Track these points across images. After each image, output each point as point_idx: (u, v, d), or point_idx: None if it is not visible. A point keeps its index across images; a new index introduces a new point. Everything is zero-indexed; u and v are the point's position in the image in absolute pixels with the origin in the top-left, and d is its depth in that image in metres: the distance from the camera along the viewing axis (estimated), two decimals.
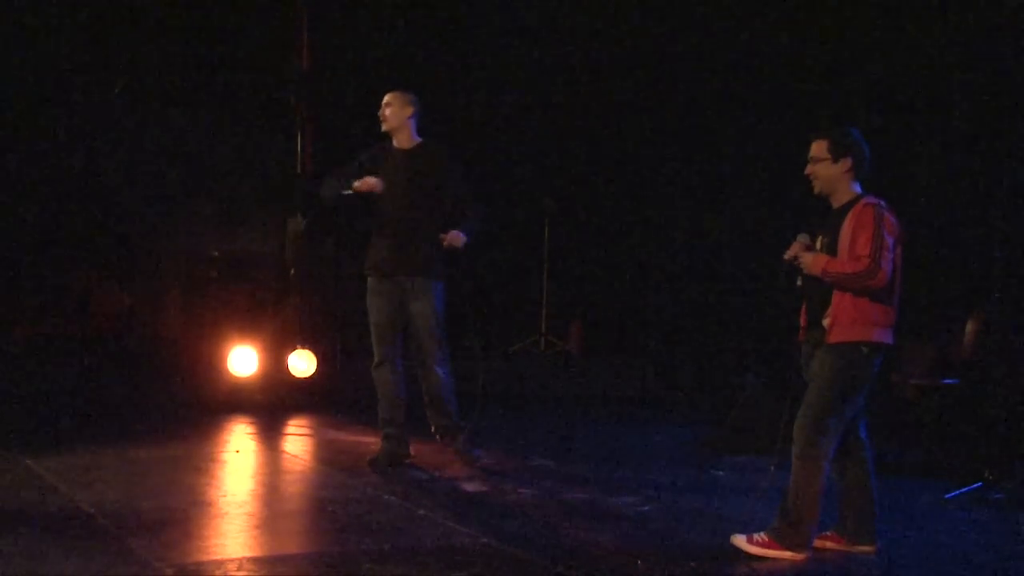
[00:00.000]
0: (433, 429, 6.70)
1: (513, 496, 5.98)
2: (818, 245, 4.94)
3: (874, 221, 4.75)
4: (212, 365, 8.87)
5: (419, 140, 6.59)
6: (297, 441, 7.60)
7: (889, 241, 4.77)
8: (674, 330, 11.02)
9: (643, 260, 11.56)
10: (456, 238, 6.40)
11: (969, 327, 7.21)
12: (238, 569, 4.49)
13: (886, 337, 4.87)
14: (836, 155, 4.88)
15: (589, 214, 12.06)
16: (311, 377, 8.92)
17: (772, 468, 5.09)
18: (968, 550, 5.21)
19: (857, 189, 4.93)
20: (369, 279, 6.59)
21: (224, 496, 5.81)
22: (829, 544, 5.01)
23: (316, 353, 8.91)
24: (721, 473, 6.77)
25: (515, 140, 11.78)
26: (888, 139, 9.20)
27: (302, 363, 8.87)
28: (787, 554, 4.80)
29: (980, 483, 6.14)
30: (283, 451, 7.22)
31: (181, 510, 5.41)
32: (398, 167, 6.47)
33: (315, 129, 9.88)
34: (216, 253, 10.83)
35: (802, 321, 5.05)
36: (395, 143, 6.57)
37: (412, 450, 6.69)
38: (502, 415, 8.77)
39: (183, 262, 11.04)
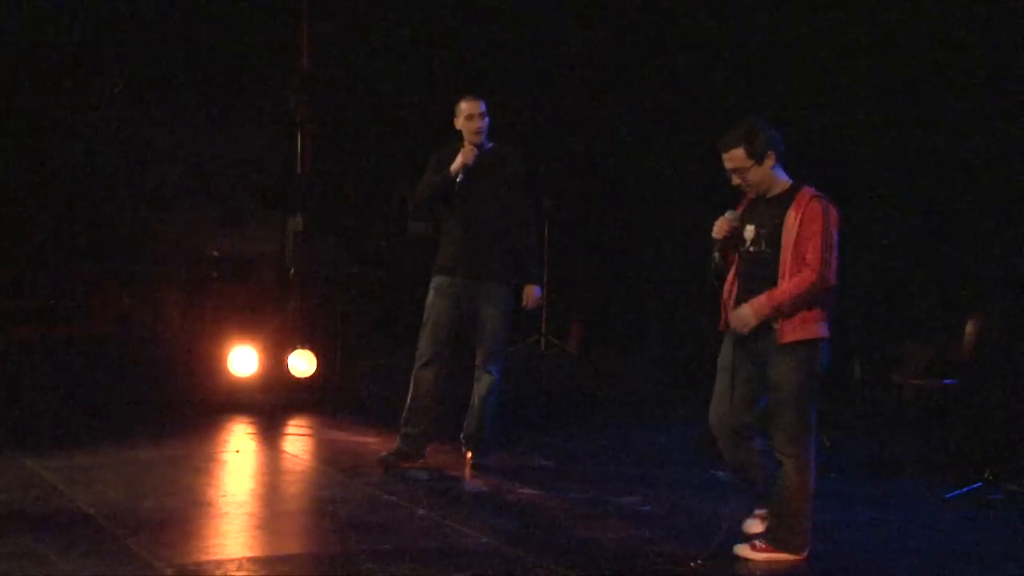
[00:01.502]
0: (462, 434, 6.68)
1: (513, 496, 5.98)
2: (750, 234, 4.77)
3: (823, 219, 4.61)
4: (212, 365, 8.87)
5: (490, 144, 6.54)
6: (297, 441, 7.59)
7: (835, 240, 4.64)
8: (674, 329, 11.02)
9: (643, 259, 11.57)
10: (535, 300, 6.55)
11: (969, 327, 7.21)
12: (238, 569, 4.50)
13: (827, 331, 4.75)
14: (758, 157, 4.71)
15: (589, 214, 12.06)
16: (311, 377, 8.91)
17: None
18: (968, 550, 5.21)
19: (786, 176, 4.79)
20: (435, 278, 6.53)
21: (224, 496, 5.81)
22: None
23: (316, 353, 8.91)
24: (721, 473, 6.76)
25: (515, 140, 11.77)
26: (887, 139, 9.21)
27: (302, 363, 8.86)
28: (790, 557, 4.80)
29: (980, 483, 6.14)
30: (283, 451, 7.22)
31: (181, 510, 5.42)
32: (474, 171, 6.40)
33: (315, 129, 9.88)
34: (216, 253, 10.83)
35: (725, 310, 4.90)
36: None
37: None
38: (502, 415, 8.76)
39: (183, 262, 11.03)
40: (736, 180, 4.78)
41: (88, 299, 11.15)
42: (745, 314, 4.68)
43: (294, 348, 8.90)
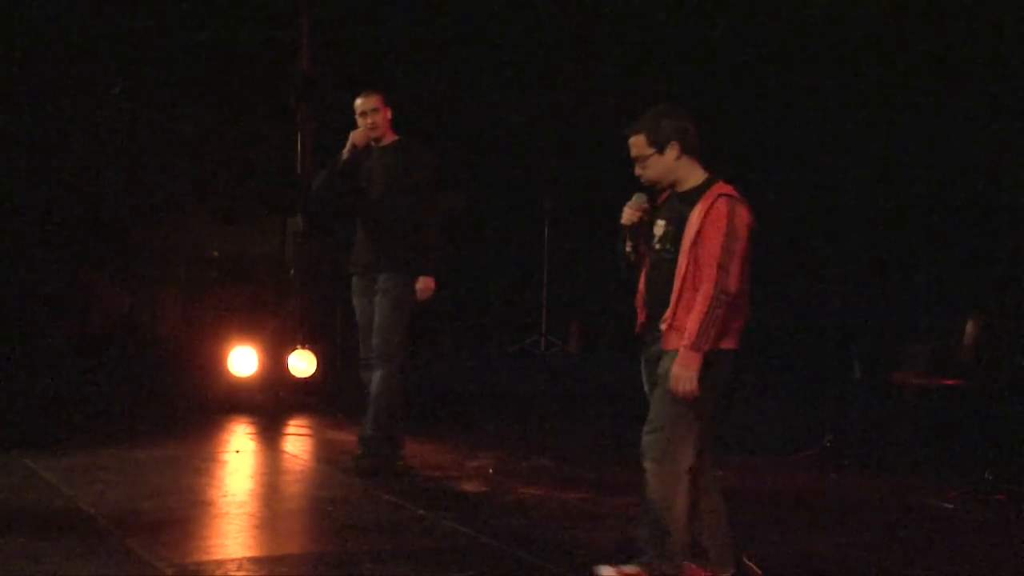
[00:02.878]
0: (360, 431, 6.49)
1: (513, 496, 5.98)
2: (659, 230, 4.34)
3: (727, 221, 4.11)
4: (212, 365, 8.87)
5: (396, 137, 6.47)
6: (297, 441, 7.59)
7: (739, 245, 4.12)
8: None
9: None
10: (424, 291, 6.28)
11: (969, 327, 7.21)
12: (238, 569, 4.50)
13: (730, 341, 4.23)
14: (659, 145, 4.27)
15: (589, 214, 12.05)
16: (311, 377, 8.91)
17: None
18: (968, 551, 5.21)
19: (699, 169, 4.31)
20: (352, 278, 6.54)
21: (224, 496, 5.82)
22: None
23: (316, 353, 8.91)
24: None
25: (515, 140, 11.78)
26: (888, 140, 9.21)
27: (302, 363, 8.86)
28: None
29: (980, 483, 6.14)
30: (283, 451, 7.22)
31: (181, 510, 5.42)
32: (375, 165, 6.39)
33: (315, 129, 9.88)
34: (216, 253, 10.84)
35: (640, 310, 4.47)
36: (374, 142, 6.44)
37: (410, 450, 6.68)
38: (502, 415, 8.77)
39: (183, 262, 11.04)
40: (638, 170, 4.37)
41: (88, 299, 11.15)
42: (679, 375, 4.13)
43: (294, 348, 8.91)
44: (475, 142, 11.26)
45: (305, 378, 8.91)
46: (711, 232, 4.13)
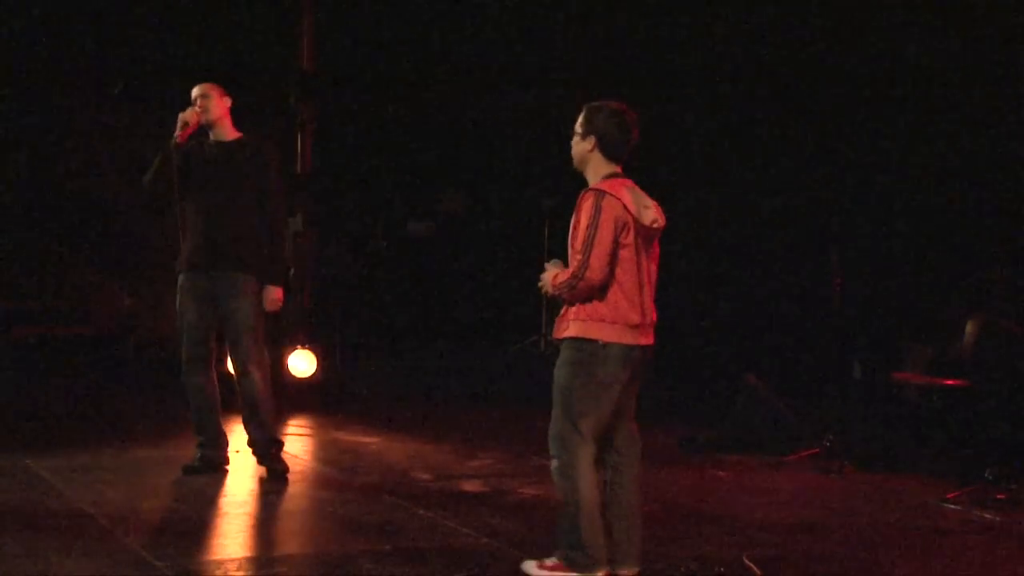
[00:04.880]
0: (248, 441, 6.31)
1: (513, 496, 5.98)
2: None
3: (591, 212, 4.28)
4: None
5: (239, 134, 6.27)
6: (297, 441, 7.58)
7: (606, 235, 4.26)
8: (674, 329, 11.01)
9: None
10: (274, 302, 6.14)
11: (969, 327, 7.21)
12: (238, 569, 4.50)
13: (616, 336, 4.38)
14: (584, 131, 4.45)
15: None
16: (311, 377, 8.90)
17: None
18: (968, 551, 5.21)
19: (607, 170, 4.45)
20: (180, 276, 6.30)
21: (224, 496, 5.82)
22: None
23: (316, 353, 8.90)
24: (721, 473, 6.77)
25: (515, 140, 11.78)
26: (888, 139, 9.22)
27: (302, 363, 8.86)
28: None
29: (980, 483, 6.14)
30: (283, 451, 7.21)
31: (181, 510, 5.42)
32: (216, 160, 6.17)
33: (315, 129, 9.87)
34: None
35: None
36: (212, 136, 6.24)
37: (412, 450, 6.67)
38: (502, 415, 8.77)
39: None
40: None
41: (88, 299, 11.15)
42: (547, 273, 4.50)
43: (294, 348, 8.90)
44: (475, 142, 11.25)
45: (305, 378, 8.90)
46: (578, 222, 4.36)
